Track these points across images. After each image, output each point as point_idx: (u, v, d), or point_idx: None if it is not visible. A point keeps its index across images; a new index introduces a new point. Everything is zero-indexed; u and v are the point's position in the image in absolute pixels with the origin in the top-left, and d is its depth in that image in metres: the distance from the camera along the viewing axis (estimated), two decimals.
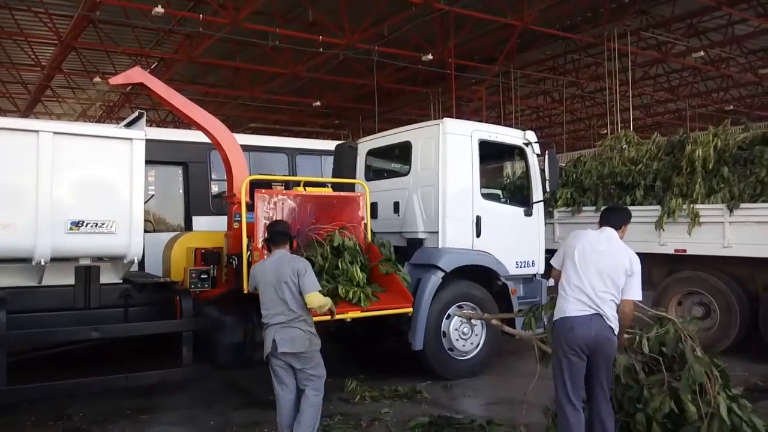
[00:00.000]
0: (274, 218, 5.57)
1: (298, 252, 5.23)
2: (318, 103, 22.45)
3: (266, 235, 4.79)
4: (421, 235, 6.89)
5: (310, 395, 4.37)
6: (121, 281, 5.59)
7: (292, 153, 9.57)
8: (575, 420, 3.98)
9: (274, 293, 4.35)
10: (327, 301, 4.44)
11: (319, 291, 4.42)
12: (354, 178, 7.41)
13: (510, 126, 12.93)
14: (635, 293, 4.06)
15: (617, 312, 4.04)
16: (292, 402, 4.42)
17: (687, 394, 3.98)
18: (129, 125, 6.00)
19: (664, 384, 4.06)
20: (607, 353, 3.99)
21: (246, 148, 6.42)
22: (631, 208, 8.22)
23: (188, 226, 8.42)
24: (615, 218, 4.36)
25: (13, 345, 5.02)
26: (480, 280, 6.91)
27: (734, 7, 15.56)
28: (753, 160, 7.66)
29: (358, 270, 5.79)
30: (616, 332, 4.02)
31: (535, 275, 7.36)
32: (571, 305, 4.01)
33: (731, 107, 25.05)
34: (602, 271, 4.01)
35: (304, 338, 4.33)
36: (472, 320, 6.69)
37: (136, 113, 5.94)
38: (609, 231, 4.26)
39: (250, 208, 5.64)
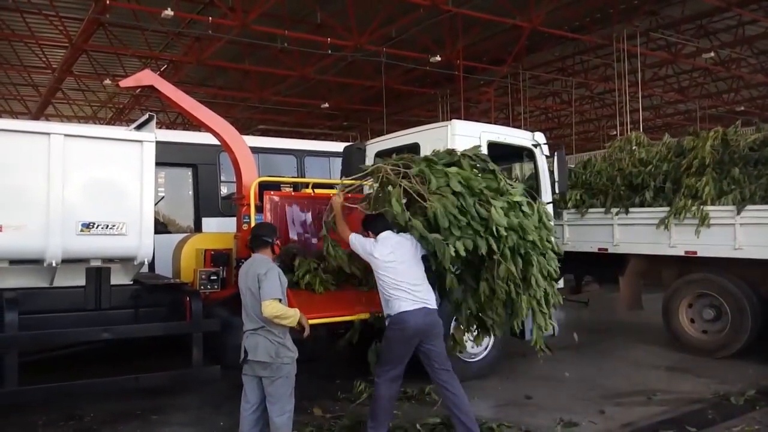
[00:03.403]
0: (282, 220, 5.57)
1: (281, 259, 5.08)
2: (326, 105, 22.49)
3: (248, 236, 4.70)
4: None
5: (275, 418, 4.10)
6: (131, 282, 5.63)
7: (300, 155, 9.61)
8: (387, 392, 4.63)
9: (244, 298, 4.21)
10: (286, 312, 4.09)
11: (279, 299, 4.10)
12: None
13: (519, 127, 12.90)
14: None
15: None
16: (254, 422, 4.23)
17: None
18: (139, 127, 6.03)
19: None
20: (437, 334, 4.60)
21: (255, 150, 6.45)
22: (640, 209, 8.24)
23: (198, 228, 8.47)
24: (386, 222, 4.82)
25: (24, 345, 5.07)
26: None
27: (744, 7, 15.47)
28: (764, 162, 7.61)
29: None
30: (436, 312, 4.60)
31: None
32: (403, 302, 4.50)
33: (742, 108, 24.88)
34: (410, 268, 4.58)
35: (270, 347, 4.08)
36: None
37: (146, 116, 5.97)
38: (389, 233, 4.73)
39: (259, 209, 5.66)
